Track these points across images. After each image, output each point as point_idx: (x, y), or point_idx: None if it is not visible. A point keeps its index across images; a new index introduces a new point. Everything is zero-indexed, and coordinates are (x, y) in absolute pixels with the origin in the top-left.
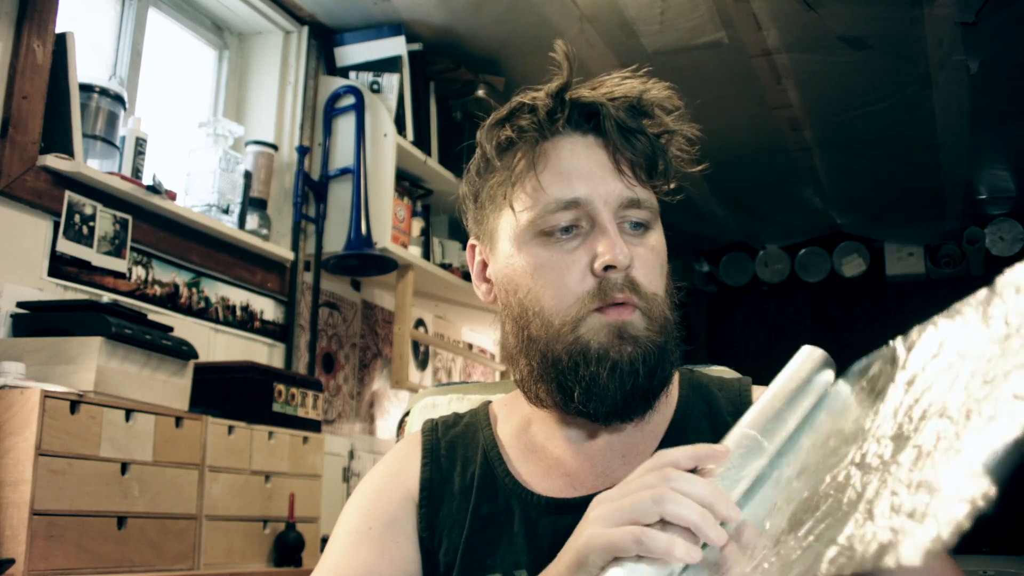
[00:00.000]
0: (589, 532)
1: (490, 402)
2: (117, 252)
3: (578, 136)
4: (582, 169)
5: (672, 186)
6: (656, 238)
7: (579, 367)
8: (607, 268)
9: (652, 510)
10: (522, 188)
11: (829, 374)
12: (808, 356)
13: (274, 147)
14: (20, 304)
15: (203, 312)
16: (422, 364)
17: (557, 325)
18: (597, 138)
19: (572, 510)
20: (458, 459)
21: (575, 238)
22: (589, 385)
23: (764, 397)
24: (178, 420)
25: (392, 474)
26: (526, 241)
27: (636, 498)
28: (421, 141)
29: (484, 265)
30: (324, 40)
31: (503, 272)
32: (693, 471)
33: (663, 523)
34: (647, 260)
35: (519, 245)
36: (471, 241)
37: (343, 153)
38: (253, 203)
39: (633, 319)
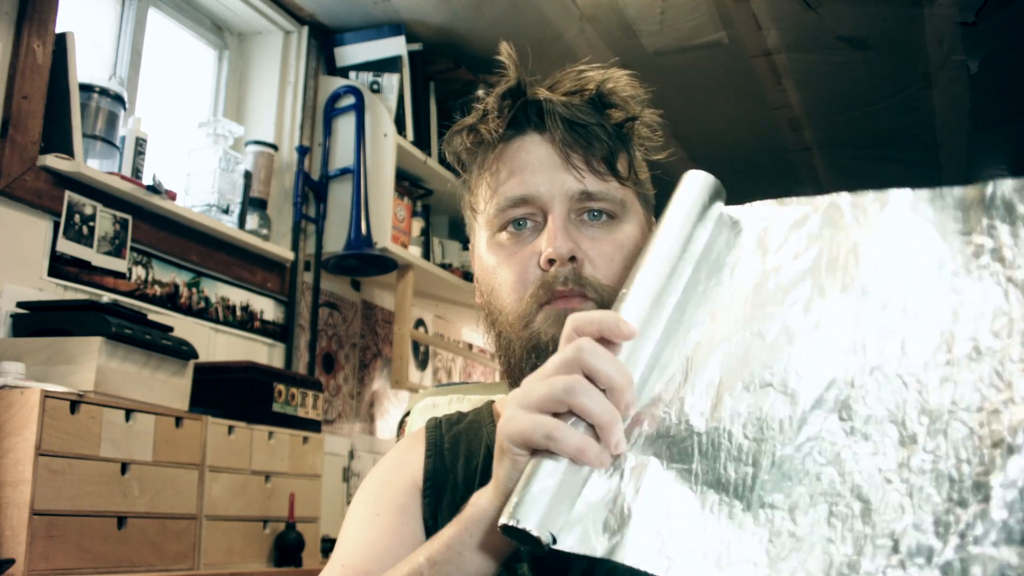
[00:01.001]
0: (506, 415)
1: (493, 401)
2: (117, 252)
3: (533, 134)
4: (532, 165)
5: (643, 177)
6: (626, 230)
7: (529, 359)
8: (551, 262)
9: (563, 399)
10: (480, 191)
11: (720, 206)
12: (703, 185)
13: (274, 147)
14: (20, 304)
15: (203, 312)
16: (422, 364)
17: (512, 320)
18: (548, 135)
19: None
20: (461, 453)
21: (531, 234)
22: None
23: (660, 245)
24: (178, 420)
25: (397, 465)
26: (488, 241)
27: (549, 384)
28: (421, 141)
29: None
30: (324, 40)
31: (478, 273)
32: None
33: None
34: (605, 252)
35: (485, 245)
36: (471, 244)
37: (343, 153)
38: (253, 203)
39: (584, 308)
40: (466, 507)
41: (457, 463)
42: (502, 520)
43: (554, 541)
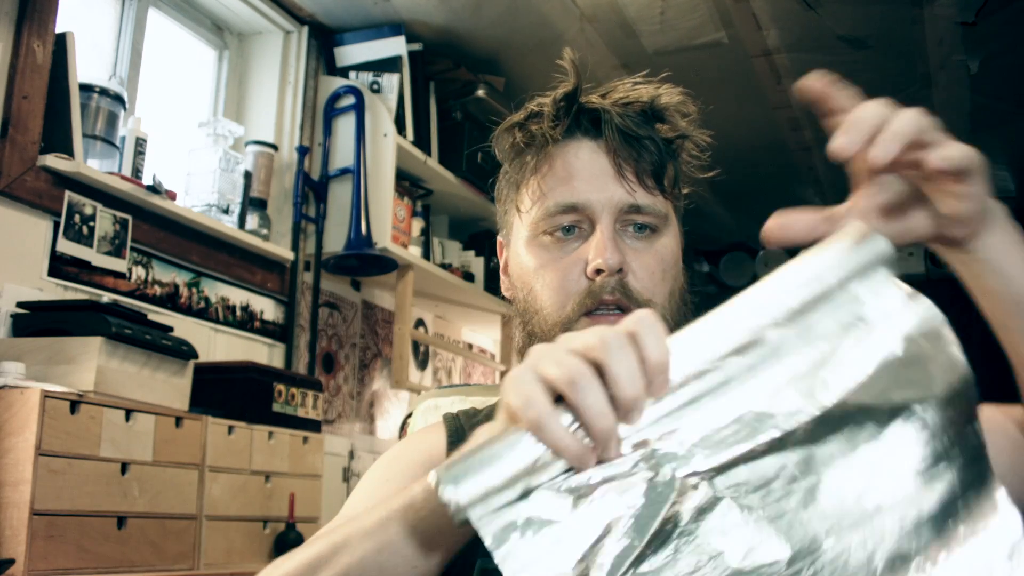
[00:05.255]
0: (512, 375)
1: None
2: (117, 252)
3: (586, 141)
4: (584, 173)
5: (685, 191)
6: (665, 243)
7: None
8: (598, 272)
9: (563, 390)
10: (528, 191)
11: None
12: (869, 249)
13: (274, 147)
14: (20, 304)
15: (203, 312)
16: (422, 364)
17: (551, 324)
18: (602, 143)
19: None
20: None
21: (576, 240)
22: None
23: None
24: (178, 420)
25: (415, 443)
26: (531, 241)
27: (558, 366)
28: (421, 141)
29: (506, 261)
30: (324, 40)
31: (514, 270)
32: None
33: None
34: (647, 265)
35: (526, 245)
36: (499, 237)
37: (343, 153)
38: (253, 203)
39: None
40: (466, 442)
41: None
42: (433, 472)
43: (464, 519)
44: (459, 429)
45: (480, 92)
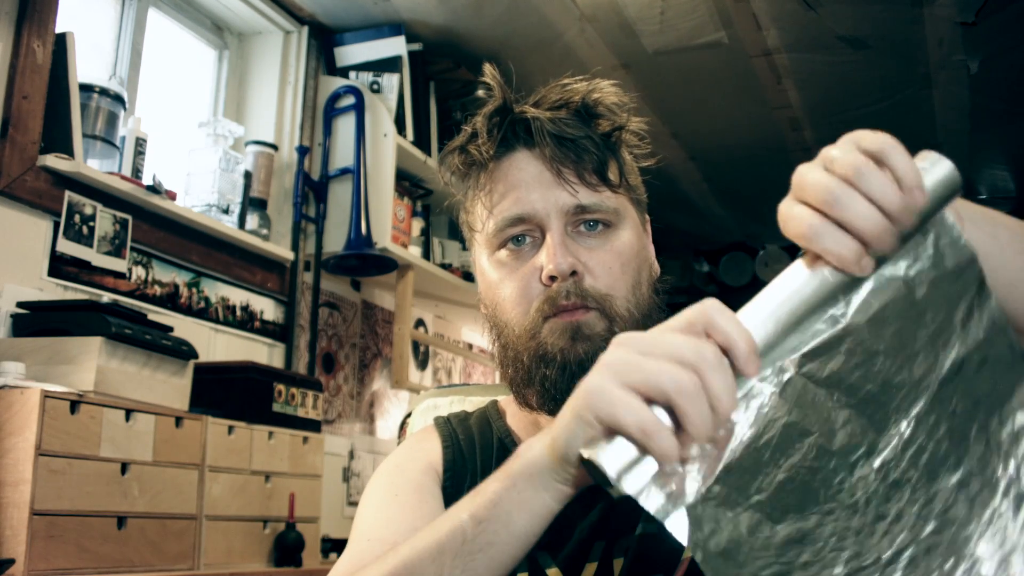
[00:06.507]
0: (596, 383)
1: (496, 400)
2: (117, 252)
3: (523, 151)
4: (525, 183)
5: (635, 182)
6: (622, 237)
7: (537, 369)
8: (552, 278)
9: (668, 390)
10: (477, 210)
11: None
12: (944, 180)
13: (274, 147)
14: (20, 304)
15: (203, 312)
16: (422, 364)
17: (518, 332)
18: (539, 151)
19: (587, 491)
20: (476, 445)
21: (531, 250)
22: (542, 385)
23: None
24: (178, 420)
25: (412, 453)
26: (490, 259)
27: (659, 373)
28: (421, 141)
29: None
30: (324, 40)
31: (481, 287)
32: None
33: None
34: (604, 262)
35: (487, 262)
36: (472, 258)
37: (343, 153)
38: (253, 203)
39: (588, 319)
40: (511, 461)
41: (475, 453)
42: (585, 453)
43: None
44: (451, 434)
45: (480, 92)
